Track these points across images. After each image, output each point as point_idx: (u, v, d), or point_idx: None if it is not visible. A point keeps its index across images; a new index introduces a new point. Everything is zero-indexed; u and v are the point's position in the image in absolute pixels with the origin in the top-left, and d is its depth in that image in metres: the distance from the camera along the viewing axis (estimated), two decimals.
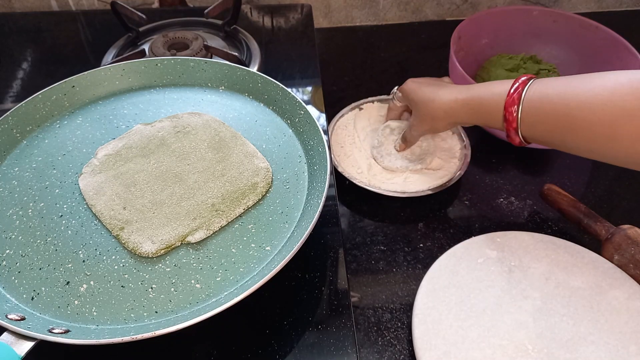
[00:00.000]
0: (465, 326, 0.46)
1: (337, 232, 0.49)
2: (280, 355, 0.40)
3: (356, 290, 0.53)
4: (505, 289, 0.49)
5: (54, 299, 0.39)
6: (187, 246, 0.42)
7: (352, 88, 0.78)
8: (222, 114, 0.54)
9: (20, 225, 0.43)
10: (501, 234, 0.53)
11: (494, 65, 0.70)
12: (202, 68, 0.57)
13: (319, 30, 0.88)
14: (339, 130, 0.66)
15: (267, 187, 0.47)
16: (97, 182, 0.46)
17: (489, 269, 0.50)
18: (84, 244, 0.42)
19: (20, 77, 0.69)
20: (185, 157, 0.49)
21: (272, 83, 0.54)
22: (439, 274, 0.50)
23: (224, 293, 0.39)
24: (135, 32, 0.72)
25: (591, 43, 0.70)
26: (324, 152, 0.47)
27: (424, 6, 0.89)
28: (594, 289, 0.48)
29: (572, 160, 0.67)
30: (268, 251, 0.42)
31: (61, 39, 0.76)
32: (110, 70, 0.56)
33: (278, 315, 0.42)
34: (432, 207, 0.61)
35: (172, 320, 0.36)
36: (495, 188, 0.63)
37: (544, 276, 0.50)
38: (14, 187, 0.46)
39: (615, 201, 0.62)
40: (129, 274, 0.40)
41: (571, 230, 0.58)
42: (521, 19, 0.73)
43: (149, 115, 0.54)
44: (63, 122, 0.53)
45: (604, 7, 0.94)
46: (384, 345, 0.48)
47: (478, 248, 0.52)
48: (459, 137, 0.65)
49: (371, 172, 0.61)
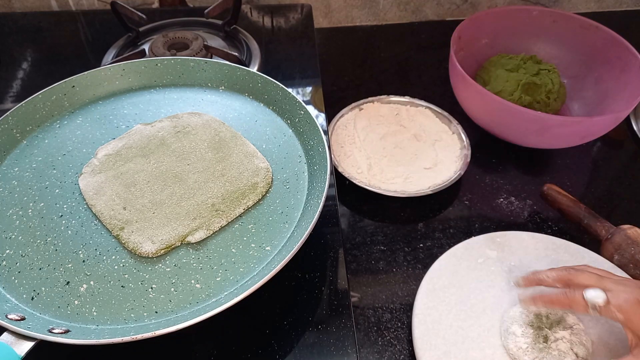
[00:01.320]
0: (465, 326, 0.46)
1: (337, 232, 0.49)
2: (280, 355, 0.40)
3: (356, 290, 0.53)
4: (505, 289, 0.49)
5: (54, 299, 0.39)
6: (187, 246, 0.42)
7: (352, 88, 0.78)
8: (222, 114, 0.54)
9: (20, 225, 0.43)
10: (501, 234, 0.53)
11: (494, 65, 0.70)
12: (202, 68, 0.57)
13: (319, 30, 0.88)
14: (339, 130, 0.66)
15: (267, 187, 0.47)
16: (97, 182, 0.46)
17: (489, 269, 0.50)
18: (84, 244, 0.42)
19: (20, 77, 0.68)
20: (185, 157, 0.49)
21: (272, 83, 0.54)
22: (439, 274, 0.50)
23: (224, 293, 0.39)
24: (135, 32, 0.72)
25: (591, 43, 0.70)
26: (324, 152, 0.47)
27: (424, 6, 0.89)
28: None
29: (572, 160, 0.67)
30: (268, 251, 0.42)
31: (61, 39, 0.76)
32: (110, 70, 0.56)
33: (278, 315, 0.42)
34: (432, 207, 0.61)
35: (172, 320, 0.36)
36: (495, 188, 0.63)
37: None
38: (14, 187, 0.46)
39: (615, 201, 0.62)
40: (129, 274, 0.40)
41: (571, 230, 0.58)
42: (521, 19, 0.73)
43: (149, 115, 0.54)
44: (63, 122, 0.53)
45: (604, 7, 0.94)
46: (384, 345, 0.48)
47: (478, 248, 0.52)
48: (458, 137, 0.65)
49: (371, 172, 0.61)
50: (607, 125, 0.59)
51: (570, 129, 0.58)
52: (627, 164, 0.67)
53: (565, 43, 0.72)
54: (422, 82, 0.79)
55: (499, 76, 0.67)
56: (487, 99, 0.59)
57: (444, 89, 0.73)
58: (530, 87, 0.65)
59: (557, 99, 0.66)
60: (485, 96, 0.59)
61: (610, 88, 0.66)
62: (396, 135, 0.66)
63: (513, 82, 0.66)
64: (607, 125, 0.59)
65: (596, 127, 0.58)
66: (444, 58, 0.67)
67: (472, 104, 0.65)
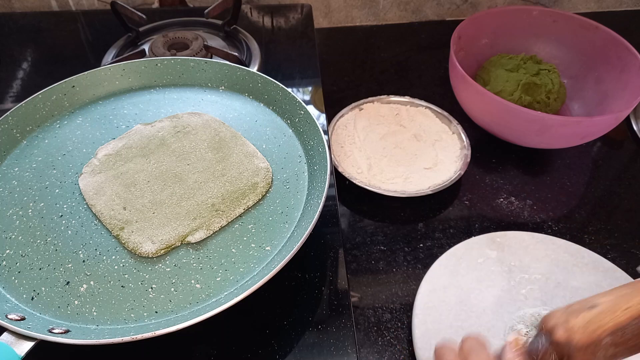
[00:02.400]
0: (466, 326, 0.46)
1: (337, 232, 0.49)
2: (280, 355, 0.40)
3: (356, 290, 0.53)
4: (505, 289, 0.49)
5: (54, 299, 0.39)
6: (187, 246, 0.42)
7: (352, 88, 0.78)
8: (222, 114, 0.54)
9: (20, 225, 0.43)
10: (501, 234, 0.53)
11: (494, 65, 0.70)
12: (202, 68, 0.57)
13: (319, 30, 0.88)
14: (339, 130, 0.66)
15: (267, 187, 0.47)
16: (97, 182, 0.46)
17: (489, 269, 0.50)
18: (84, 244, 0.42)
19: (20, 77, 0.68)
20: (185, 157, 0.49)
21: (272, 83, 0.54)
22: (439, 273, 0.50)
23: (224, 293, 0.39)
24: (135, 32, 0.72)
25: (591, 43, 0.70)
26: (324, 152, 0.47)
27: (424, 6, 0.89)
28: (594, 289, 0.48)
29: (572, 160, 0.67)
30: (268, 251, 0.42)
31: (61, 39, 0.76)
32: (110, 70, 0.56)
33: (278, 315, 0.42)
34: (432, 207, 0.61)
35: (172, 320, 0.36)
36: (495, 188, 0.63)
37: (544, 276, 0.50)
38: (14, 187, 0.46)
39: (615, 201, 0.62)
40: (129, 274, 0.40)
41: (571, 230, 0.58)
42: (521, 19, 0.73)
43: (149, 115, 0.54)
44: (63, 122, 0.53)
45: (604, 7, 0.94)
46: (384, 345, 0.48)
47: (478, 248, 0.52)
48: (458, 137, 0.65)
49: (371, 172, 0.61)
50: (607, 125, 0.59)
51: (570, 129, 0.58)
52: (627, 164, 0.67)
53: (565, 43, 0.72)
54: (422, 82, 0.79)
55: (499, 76, 0.67)
56: (487, 99, 0.59)
57: (444, 89, 0.73)
58: (530, 87, 0.65)
59: (557, 99, 0.66)
60: (485, 96, 0.59)
61: (610, 88, 0.66)
62: (396, 135, 0.66)
63: (513, 82, 0.66)
64: (607, 125, 0.59)
65: (596, 127, 0.58)
66: (444, 58, 0.67)
67: (472, 104, 0.65)
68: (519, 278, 0.49)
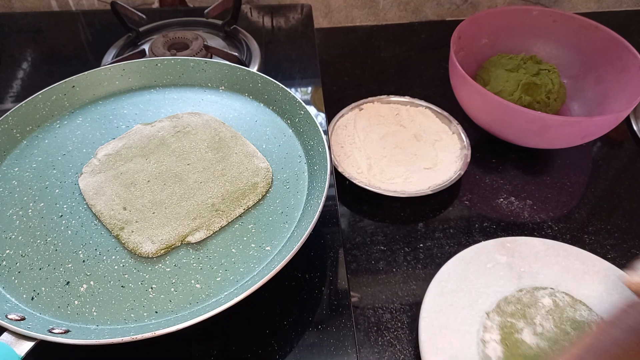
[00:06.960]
0: (473, 331, 0.45)
1: (337, 232, 0.49)
2: (280, 355, 0.40)
3: (356, 290, 0.53)
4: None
5: (54, 299, 0.39)
6: (187, 246, 0.42)
7: (352, 88, 0.78)
8: (222, 114, 0.54)
9: (20, 225, 0.43)
10: (511, 239, 0.52)
11: (494, 65, 0.70)
12: (202, 68, 0.57)
13: (319, 30, 0.88)
14: (339, 130, 0.66)
15: (267, 187, 0.47)
16: (97, 182, 0.46)
17: (498, 274, 0.50)
18: (84, 244, 0.42)
19: (20, 77, 0.68)
20: (185, 157, 0.49)
21: (272, 83, 0.54)
22: (447, 277, 0.49)
23: (224, 293, 0.39)
24: (135, 32, 0.72)
25: (591, 43, 0.70)
26: (324, 152, 0.47)
27: (424, 6, 0.89)
28: (604, 297, 0.48)
29: (572, 160, 0.67)
30: (268, 251, 0.42)
31: (61, 39, 0.76)
32: (110, 70, 0.56)
33: (278, 315, 0.42)
34: (432, 207, 0.61)
35: (172, 320, 0.36)
36: (495, 188, 0.63)
37: (554, 283, 0.49)
38: (14, 187, 0.46)
39: (615, 201, 0.62)
40: (129, 274, 0.40)
41: (571, 230, 0.58)
42: (521, 19, 0.73)
43: (149, 115, 0.54)
44: (63, 122, 0.53)
45: (604, 7, 0.94)
46: (384, 345, 0.48)
47: (487, 253, 0.51)
48: (458, 137, 0.65)
49: (371, 172, 0.61)
50: (607, 125, 0.59)
51: (570, 129, 0.58)
52: (627, 164, 0.67)
53: (565, 43, 0.72)
54: (422, 82, 0.79)
55: (499, 76, 0.67)
56: (487, 99, 0.59)
57: (444, 89, 0.73)
58: (530, 87, 0.65)
59: (557, 99, 0.66)
60: (485, 96, 0.59)
61: (610, 88, 0.66)
62: (396, 135, 0.66)
63: (513, 82, 0.66)
64: (607, 125, 0.59)
65: (596, 127, 0.58)
66: (444, 58, 0.67)
67: (472, 104, 0.65)
68: (529, 284, 0.49)
